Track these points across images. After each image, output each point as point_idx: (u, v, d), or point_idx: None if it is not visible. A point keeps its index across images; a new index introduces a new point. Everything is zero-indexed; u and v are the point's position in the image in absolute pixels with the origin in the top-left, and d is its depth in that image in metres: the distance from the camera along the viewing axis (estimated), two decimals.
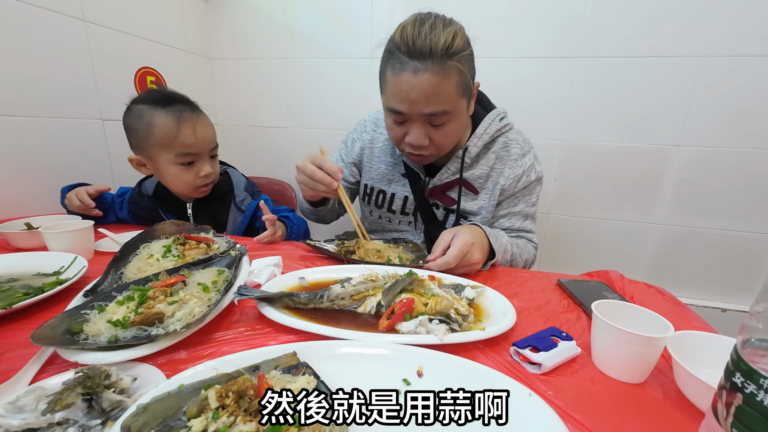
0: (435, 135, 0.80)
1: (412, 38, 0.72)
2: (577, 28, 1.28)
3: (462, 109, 0.80)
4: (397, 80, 0.75)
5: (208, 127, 0.98)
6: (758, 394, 0.25)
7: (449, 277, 0.67)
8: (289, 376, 0.38)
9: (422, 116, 0.77)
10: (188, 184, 0.97)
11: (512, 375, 0.42)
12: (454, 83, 0.75)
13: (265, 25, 1.57)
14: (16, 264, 0.68)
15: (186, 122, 0.91)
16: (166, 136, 0.90)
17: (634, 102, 1.29)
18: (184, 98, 0.96)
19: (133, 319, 0.46)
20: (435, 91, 0.74)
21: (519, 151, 0.92)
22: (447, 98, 0.75)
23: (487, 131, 0.90)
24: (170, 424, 0.32)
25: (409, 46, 0.72)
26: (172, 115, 0.90)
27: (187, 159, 0.94)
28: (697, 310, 1.38)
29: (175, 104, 0.92)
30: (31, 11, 0.98)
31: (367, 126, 1.05)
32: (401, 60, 0.74)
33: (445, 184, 0.93)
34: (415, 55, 0.72)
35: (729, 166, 1.27)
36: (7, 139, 0.97)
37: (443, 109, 0.76)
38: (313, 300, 0.56)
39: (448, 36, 0.72)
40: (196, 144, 0.93)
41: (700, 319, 0.60)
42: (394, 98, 0.77)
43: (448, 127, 0.80)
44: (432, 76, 0.72)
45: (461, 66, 0.75)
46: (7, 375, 0.40)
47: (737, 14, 1.16)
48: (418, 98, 0.74)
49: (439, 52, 0.71)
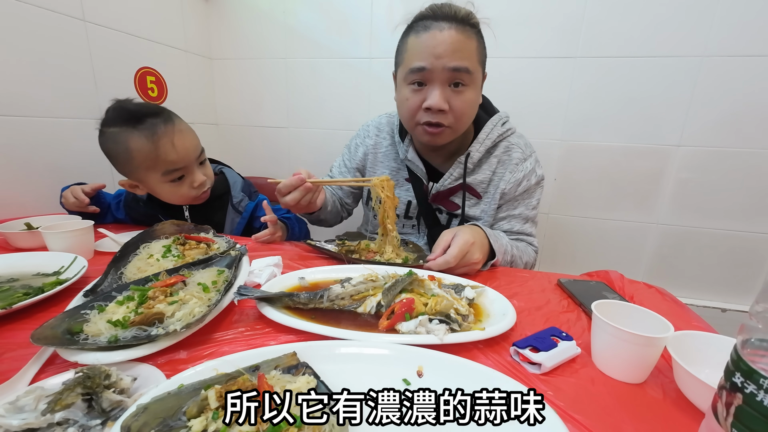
0: (454, 100, 0.81)
1: (438, 6, 0.80)
2: (577, 28, 1.28)
3: (478, 79, 0.83)
4: (421, 39, 0.79)
5: (186, 135, 0.90)
6: (758, 394, 0.25)
7: (449, 277, 0.67)
8: (289, 376, 0.38)
9: (445, 73, 0.78)
10: (185, 196, 0.94)
11: (512, 375, 0.42)
12: (474, 47, 0.80)
13: (265, 25, 1.57)
14: (16, 264, 0.68)
15: (162, 138, 0.85)
16: (146, 159, 0.85)
17: (634, 102, 1.30)
18: (153, 109, 0.88)
19: (133, 319, 0.46)
20: (460, 47, 0.77)
21: (520, 155, 0.92)
22: (469, 56, 0.79)
23: (489, 136, 0.91)
24: (170, 424, 0.32)
25: (434, 10, 0.79)
26: (146, 134, 0.84)
27: (175, 175, 0.89)
28: (697, 310, 1.38)
29: (145, 120, 0.85)
30: (31, 11, 0.98)
31: (370, 131, 1.05)
32: (426, 23, 0.79)
33: (449, 190, 0.93)
34: (440, 16, 0.78)
35: (729, 166, 1.27)
36: (7, 139, 0.97)
37: (466, 66, 0.78)
38: (313, 300, 0.56)
39: (467, 8, 0.80)
40: (180, 158, 0.88)
41: (700, 318, 0.60)
42: (418, 56, 0.79)
43: (467, 94, 0.81)
44: (457, 33, 0.77)
45: (477, 37, 0.81)
46: (7, 375, 0.39)
47: (737, 14, 1.16)
48: (444, 52, 0.77)
49: (461, 17, 0.78)
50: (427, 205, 0.96)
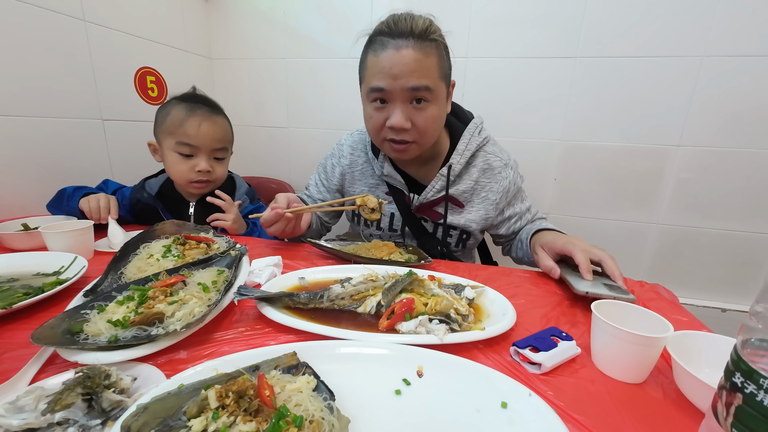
0: (417, 118, 0.80)
1: (394, 21, 0.76)
2: (577, 28, 1.28)
3: (442, 94, 0.81)
4: (379, 59, 0.76)
5: (216, 127, 1.01)
6: (758, 394, 0.25)
7: (449, 277, 0.67)
8: (289, 376, 0.38)
9: (404, 93, 0.77)
10: (182, 174, 1.00)
11: (512, 375, 0.42)
12: (434, 62, 0.77)
13: (265, 25, 1.57)
14: (16, 264, 0.68)
15: (195, 116, 0.97)
16: (173, 123, 0.96)
17: (634, 102, 1.29)
18: (209, 100, 1.03)
19: (133, 319, 0.46)
20: (417, 66, 0.75)
21: (500, 163, 0.94)
22: (428, 74, 0.76)
23: (468, 147, 0.92)
24: (170, 424, 0.32)
25: (390, 27, 0.76)
26: (187, 108, 0.97)
27: (185, 150, 0.98)
28: (697, 310, 1.39)
29: (197, 102, 0.99)
30: (31, 11, 0.98)
31: (344, 151, 1.04)
32: (382, 41, 0.76)
33: (431, 202, 0.93)
34: (396, 33, 0.75)
35: (729, 166, 1.27)
36: (7, 139, 0.97)
37: (425, 84, 0.76)
38: (313, 300, 0.56)
39: (425, 20, 0.77)
40: (197, 137, 0.97)
41: (695, 318, 0.60)
42: (376, 76, 0.78)
43: (430, 110, 0.80)
44: (414, 51, 0.75)
45: (440, 51, 0.78)
46: (7, 375, 0.39)
47: (737, 14, 1.16)
48: (401, 72, 0.75)
49: (418, 32, 0.75)
50: (412, 216, 0.96)
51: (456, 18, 1.37)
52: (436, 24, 0.79)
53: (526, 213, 0.99)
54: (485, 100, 1.42)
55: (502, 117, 1.41)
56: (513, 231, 0.98)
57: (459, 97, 1.42)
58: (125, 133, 1.27)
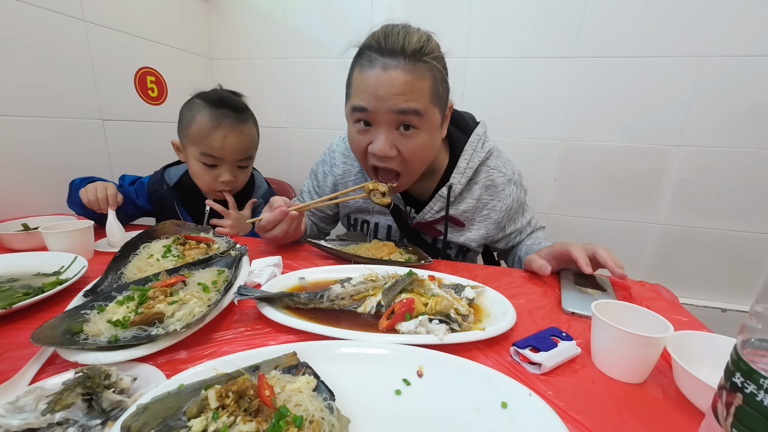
0: (403, 146, 0.72)
1: (384, 35, 0.67)
2: (577, 28, 1.28)
3: (434, 120, 0.72)
4: (364, 77, 0.69)
5: (242, 138, 0.98)
6: (758, 394, 0.25)
7: (449, 277, 0.67)
8: (289, 376, 0.38)
9: (390, 116, 0.69)
10: (206, 184, 1.00)
11: (512, 375, 0.42)
12: (427, 85, 0.68)
13: (265, 25, 1.57)
14: (16, 264, 0.68)
15: (221, 128, 0.93)
16: (198, 134, 0.94)
17: (634, 102, 1.30)
18: (236, 104, 0.97)
19: (133, 319, 0.46)
20: (405, 89, 0.67)
21: (503, 179, 0.88)
22: (418, 98, 0.68)
23: (470, 165, 0.84)
24: (170, 424, 0.32)
25: (379, 42, 0.67)
26: (213, 117, 0.93)
27: (209, 161, 0.96)
28: (697, 310, 1.39)
29: (223, 108, 0.94)
30: (31, 11, 0.98)
31: (336, 159, 0.97)
32: (370, 57, 0.68)
33: (430, 222, 0.89)
34: (386, 51, 0.67)
35: (729, 166, 1.27)
36: (7, 139, 0.97)
37: (414, 108, 0.68)
38: (313, 300, 0.56)
39: (421, 36, 0.68)
40: (221, 150, 0.95)
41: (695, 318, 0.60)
42: (360, 95, 0.70)
43: (418, 138, 0.72)
44: (403, 73, 0.66)
45: (434, 73, 0.69)
46: (7, 375, 0.39)
47: (737, 14, 1.16)
48: (387, 94, 0.67)
49: (411, 50, 0.66)
50: (410, 229, 0.93)
51: (456, 18, 1.37)
52: (434, 42, 0.70)
53: (527, 227, 0.96)
54: (485, 100, 1.42)
55: (502, 117, 1.41)
56: (512, 245, 0.96)
57: (459, 97, 1.42)
58: (125, 133, 1.27)
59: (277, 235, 0.80)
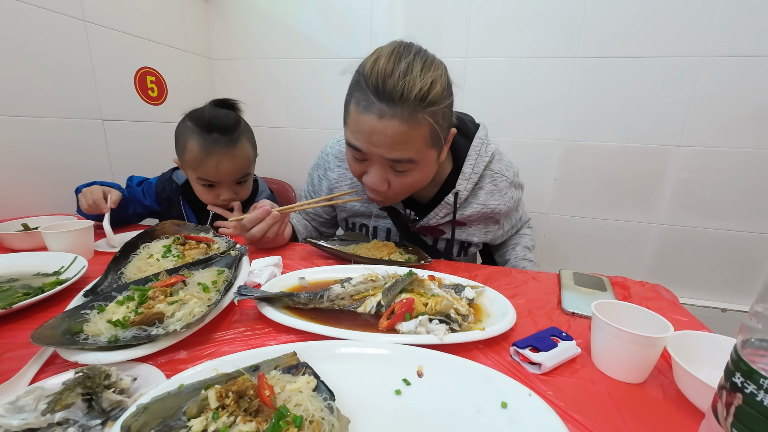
0: (395, 182, 0.73)
1: (383, 76, 0.62)
2: (577, 28, 1.28)
3: (430, 159, 0.72)
4: (360, 118, 0.66)
5: (235, 161, 0.96)
6: (758, 394, 0.25)
7: (449, 277, 0.67)
8: (289, 376, 0.38)
9: (383, 160, 0.69)
10: (209, 201, 1.02)
11: (512, 375, 0.42)
12: (425, 134, 0.66)
13: (265, 25, 1.57)
14: (16, 264, 0.68)
15: (212, 156, 0.93)
16: (192, 161, 0.94)
17: (634, 102, 1.29)
18: (226, 126, 0.94)
19: (133, 319, 0.46)
20: (400, 140, 0.65)
21: (505, 182, 0.88)
22: (413, 147, 0.67)
23: (475, 170, 0.83)
24: (170, 424, 0.32)
25: (378, 86, 0.62)
26: (204, 144, 0.92)
27: (207, 183, 0.98)
28: (697, 310, 1.39)
29: (213, 133, 0.93)
30: (31, 11, 0.98)
31: (330, 162, 0.96)
32: (368, 98, 0.64)
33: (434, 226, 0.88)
34: (383, 97, 0.62)
35: (729, 166, 1.27)
36: (7, 139, 0.97)
37: (408, 158, 0.68)
38: (313, 300, 0.56)
39: (425, 83, 0.62)
40: (216, 175, 0.96)
41: (695, 318, 0.60)
42: (354, 134, 0.69)
43: (412, 176, 0.72)
44: (399, 124, 0.63)
45: (436, 117, 0.66)
46: (7, 375, 0.39)
47: (737, 14, 1.16)
48: (381, 143, 0.66)
49: (411, 100, 0.62)
50: (410, 232, 0.92)
51: (456, 18, 1.37)
52: (440, 84, 0.64)
53: (518, 222, 0.99)
54: (485, 100, 1.42)
55: (502, 117, 1.41)
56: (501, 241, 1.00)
57: (459, 97, 1.41)
58: (125, 133, 1.27)
59: (254, 235, 0.78)
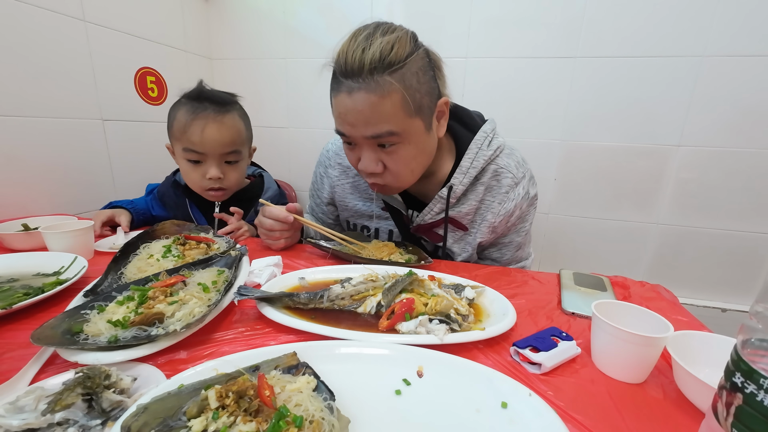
0: (388, 161, 0.71)
1: (345, 54, 0.63)
2: (577, 28, 1.28)
3: (416, 130, 0.69)
4: (335, 102, 0.68)
5: (223, 129, 0.93)
6: (758, 394, 0.25)
7: (449, 277, 0.67)
8: (289, 376, 0.38)
9: (367, 140, 0.68)
10: (195, 183, 0.98)
11: (512, 375, 0.42)
12: (397, 101, 0.64)
13: (265, 26, 1.57)
14: (16, 264, 0.68)
15: (198, 120, 0.91)
16: (178, 129, 0.92)
17: (634, 102, 1.29)
18: (217, 97, 0.94)
19: (133, 319, 0.46)
20: (372, 113, 0.64)
21: (511, 180, 0.81)
22: (388, 118, 0.65)
23: (474, 164, 0.79)
24: (170, 424, 0.32)
25: (341, 64, 0.63)
26: (190, 109, 0.91)
27: (192, 156, 0.94)
28: (697, 310, 1.39)
29: (202, 101, 0.92)
30: (31, 11, 0.98)
31: (332, 159, 0.95)
32: (337, 80, 0.66)
33: (430, 224, 0.85)
34: (347, 73, 0.63)
35: (729, 166, 1.27)
36: (7, 139, 0.97)
37: (387, 130, 0.66)
38: (313, 300, 0.56)
39: (384, 47, 0.61)
40: (201, 143, 0.92)
41: (695, 318, 0.60)
42: (336, 120, 0.70)
43: (402, 151, 0.70)
44: (367, 95, 0.63)
45: (405, 82, 0.63)
46: (7, 375, 0.39)
47: (737, 14, 1.16)
48: (356, 120, 0.66)
49: (367, 66, 0.61)
50: (411, 234, 0.90)
51: (456, 18, 1.37)
52: (402, 45, 0.63)
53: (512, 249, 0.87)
54: (485, 100, 1.42)
55: (502, 117, 1.39)
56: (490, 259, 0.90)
57: (459, 97, 1.42)
58: (125, 133, 1.27)
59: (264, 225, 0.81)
